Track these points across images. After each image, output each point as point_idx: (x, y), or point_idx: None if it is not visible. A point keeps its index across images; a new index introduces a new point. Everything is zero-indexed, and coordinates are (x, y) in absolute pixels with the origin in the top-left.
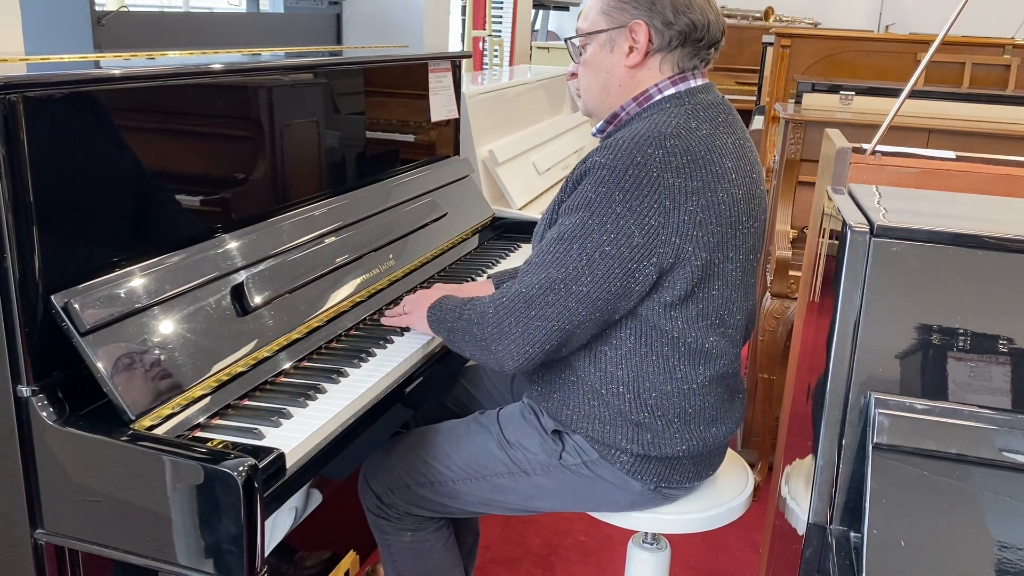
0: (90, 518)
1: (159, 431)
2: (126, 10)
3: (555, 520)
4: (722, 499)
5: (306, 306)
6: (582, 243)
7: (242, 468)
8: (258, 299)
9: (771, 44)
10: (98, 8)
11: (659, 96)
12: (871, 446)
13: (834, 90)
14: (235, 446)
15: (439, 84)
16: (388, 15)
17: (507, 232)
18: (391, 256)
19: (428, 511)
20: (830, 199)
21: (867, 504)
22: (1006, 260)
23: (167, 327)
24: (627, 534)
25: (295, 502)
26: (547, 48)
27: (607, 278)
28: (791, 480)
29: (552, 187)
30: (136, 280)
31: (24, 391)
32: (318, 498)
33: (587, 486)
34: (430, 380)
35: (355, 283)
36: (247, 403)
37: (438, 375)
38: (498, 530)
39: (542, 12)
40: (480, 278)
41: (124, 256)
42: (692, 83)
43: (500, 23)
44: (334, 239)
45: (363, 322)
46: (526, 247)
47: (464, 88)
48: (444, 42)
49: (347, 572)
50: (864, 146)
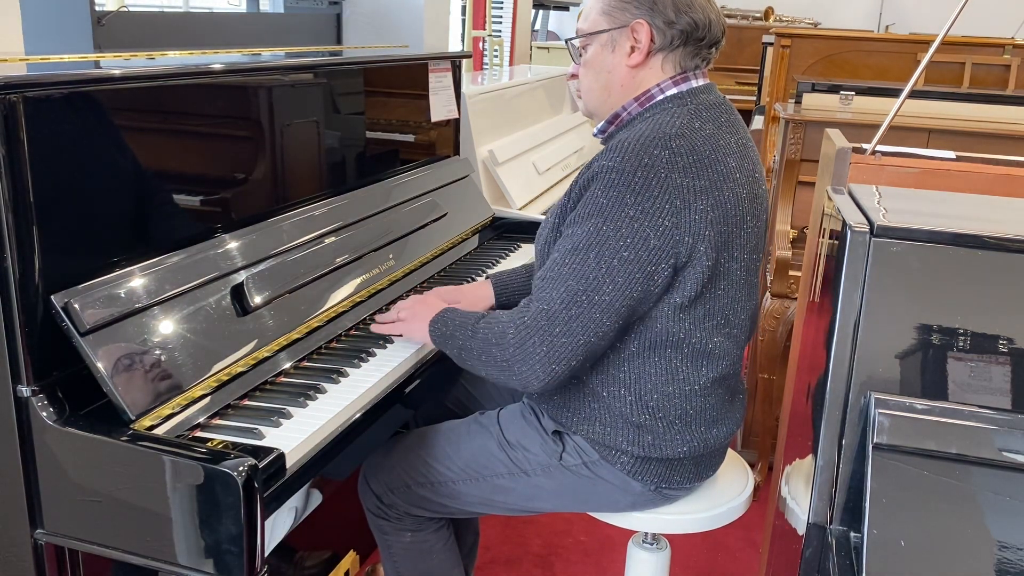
0: (90, 518)
1: (159, 431)
2: (126, 10)
3: (555, 520)
4: (722, 499)
5: (306, 306)
6: (599, 251)
7: (242, 468)
8: (258, 299)
9: (771, 44)
10: (98, 8)
11: (661, 96)
12: (871, 446)
13: (834, 90)
14: (235, 446)
15: (439, 84)
16: (388, 15)
17: (507, 232)
18: (391, 256)
19: (428, 511)
20: (830, 199)
21: (867, 504)
22: (1006, 260)
23: (167, 327)
24: (627, 534)
25: (295, 502)
26: (547, 48)
27: (628, 284)
28: (791, 480)
29: (552, 187)
30: (136, 280)
31: (24, 391)
32: (318, 498)
33: (587, 487)
34: (430, 380)
35: (355, 283)
36: (247, 403)
37: (438, 375)
38: (498, 530)
39: (542, 12)
40: (480, 278)
41: (124, 256)
42: (694, 83)
43: (500, 23)
44: (334, 239)
45: (363, 322)
46: (526, 247)
47: (464, 88)
48: (444, 42)
49: (347, 572)
50: (864, 146)
